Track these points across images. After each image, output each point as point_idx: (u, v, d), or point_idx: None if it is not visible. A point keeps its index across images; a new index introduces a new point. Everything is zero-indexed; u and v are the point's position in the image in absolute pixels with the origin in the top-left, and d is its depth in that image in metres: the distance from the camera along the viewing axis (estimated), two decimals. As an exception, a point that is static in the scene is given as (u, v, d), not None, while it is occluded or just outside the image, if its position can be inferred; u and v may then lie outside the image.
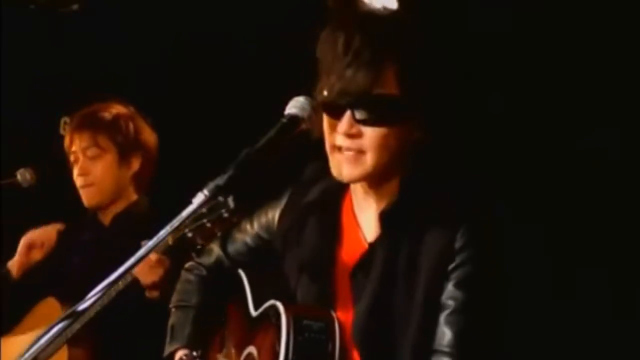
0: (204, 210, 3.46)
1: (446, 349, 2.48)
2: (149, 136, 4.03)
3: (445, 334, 2.49)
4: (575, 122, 3.78)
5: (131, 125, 3.98)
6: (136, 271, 3.59)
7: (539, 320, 3.80)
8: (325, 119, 2.52)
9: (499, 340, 2.57)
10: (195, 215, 3.48)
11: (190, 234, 3.50)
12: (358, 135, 2.47)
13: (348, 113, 2.47)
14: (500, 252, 2.58)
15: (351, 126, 2.47)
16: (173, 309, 2.91)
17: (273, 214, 2.78)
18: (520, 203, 3.76)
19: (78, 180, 3.96)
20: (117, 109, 4.01)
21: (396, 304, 2.51)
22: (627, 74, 3.71)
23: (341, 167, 2.51)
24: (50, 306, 3.99)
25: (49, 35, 4.81)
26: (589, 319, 3.75)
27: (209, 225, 3.43)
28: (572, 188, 3.79)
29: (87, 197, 3.96)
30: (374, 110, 2.46)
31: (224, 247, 2.88)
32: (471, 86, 3.62)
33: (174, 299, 2.93)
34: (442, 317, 2.49)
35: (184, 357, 2.80)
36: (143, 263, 3.52)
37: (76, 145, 3.96)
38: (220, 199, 3.42)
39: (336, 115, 2.49)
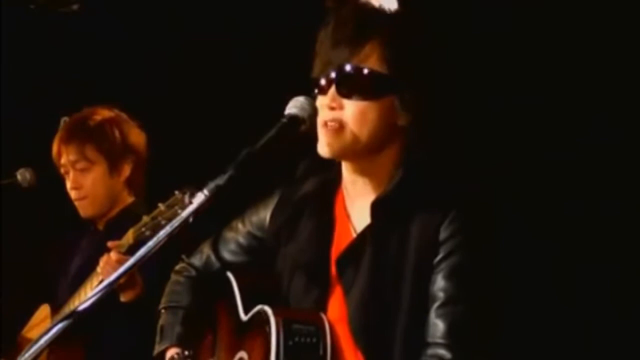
0: (162, 208, 3.49)
1: (440, 341, 2.49)
2: (137, 138, 3.97)
3: (438, 326, 2.49)
4: (575, 121, 3.78)
5: (116, 131, 3.92)
6: (100, 273, 3.61)
7: (539, 320, 3.80)
8: (318, 99, 2.56)
9: (498, 336, 2.57)
10: (153, 214, 3.51)
11: (147, 233, 3.52)
12: (339, 108, 2.53)
13: (332, 87, 2.53)
14: (499, 249, 2.58)
15: (333, 99, 2.53)
16: (162, 311, 2.89)
17: (265, 213, 2.77)
18: (520, 203, 3.76)
19: (71, 194, 3.93)
20: (101, 114, 3.95)
21: (387, 295, 2.52)
22: (627, 73, 3.71)
23: (323, 141, 2.54)
24: (46, 314, 4.02)
25: (49, 35, 4.81)
26: (589, 318, 3.75)
27: (164, 222, 3.45)
28: (572, 188, 3.79)
29: (82, 210, 3.94)
30: (353, 82, 2.51)
31: (214, 248, 2.87)
32: (470, 85, 3.62)
33: (163, 300, 2.91)
34: (434, 310, 2.50)
35: (176, 356, 2.78)
36: (106, 264, 3.56)
37: (65, 159, 3.92)
38: (178, 195, 3.44)
39: (324, 91, 2.55)
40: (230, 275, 2.77)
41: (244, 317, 2.68)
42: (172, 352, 2.80)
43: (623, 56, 3.70)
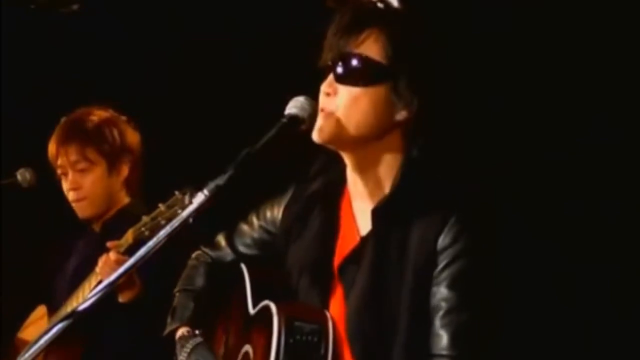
0: (162, 208, 3.50)
1: (444, 352, 2.47)
2: (133, 137, 3.98)
3: (441, 337, 2.48)
4: (575, 121, 3.78)
5: (115, 132, 3.93)
6: (99, 273, 3.61)
7: (539, 320, 3.80)
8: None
9: (498, 336, 2.56)
10: (154, 214, 3.52)
11: (147, 233, 3.53)
12: (334, 94, 2.54)
13: (331, 74, 2.55)
14: (501, 254, 2.58)
15: (329, 85, 2.55)
16: (177, 293, 2.92)
17: (278, 209, 2.79)
18: (520, 203, 3.76)
19: (69, 195, 3.92)
20: (99, 115, 3.96)
21: (386, 302, 2.51)
22: (627, 73, 3.71)
23: (316, 126, 2.55)
24: (42, 313, 4.02)
25: (49, 35, 4.81)
26: (589, 318, 3.75)
27: (163, 223, 3.46)
28: (572, 188, 3.79)
29: (80, 211, 3.93)
30: (348, 68, 2.52)
31: (230, 239, 2.89)
32: (470, 85, 3.61)
33: (179, 284, 2.94)
34: (437, 319, 2.48)
35: (186, 333, 2.80)
36: (105, 264, 3.56)
37: (63, 159, 3.92)
38: (178, 195, 3.45)
39: (324, 79, 2.57)
40: (243, 267, 2.79)
41: (251, 311, 2.69)
42: (181, 331, 2.82)
43: (623, 56, 3.70)
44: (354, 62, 2.52)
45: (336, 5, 2.62)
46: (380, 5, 2.56)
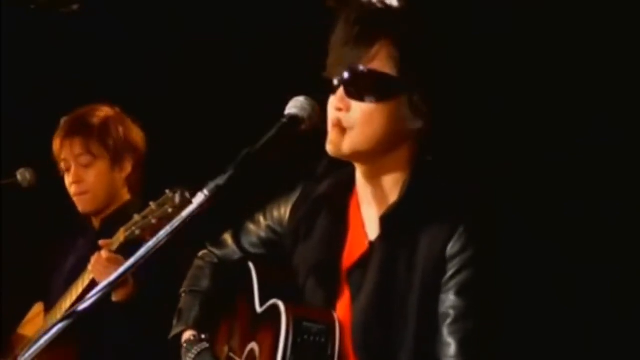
0: (152, 206, 3.51)
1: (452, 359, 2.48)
2: (137, 135, 4.01)
3: (450, 345, 2.48)
4: (575, 121, 3.78)
5: (120, 128, 3.95)
6: (91, 271, 3.61)
7: (539, 320, 3.80)
8: (330, 99, 2.55)
9: (504, 342, 2.56)
10: (145, 213, 3.53)
11: (138, 232, 3.54)
12: (346, 109, 2.51)
13: (341, 88, 2.51)
14: (501, 254, 2.58)
15: (341, 100, 2.52)
16: (183, 294, 2.91)
17: (286, 208, 2.78)
18: (520, 203, 3.76)
19: (72, 188, 3.93)
20: (105, 111, 3.98)
21: (393, 308, 2.51)
22: (627, 73, 3.71)
23: (329, 141, 2.54)
24: (40, 311, 4.03)
25: (49, 35, 4.81)
26: (589, 318, 3.75)
27: (154, 221, 3.47)
28: (572, 188, 3.79)
29: (82, 205, 3.94)
30: (361, 84, 2.49)
31: (236, 238, 2.89)
32: (470, 85, 3.61)
33: (185, 284, 2.93)
34: (445, 327, 2.48)
35: (192, 338, 2.80)
36: (97, 263, 3.57)
37: (67, 153, 3.93)
38: (169, 194, 3.46)
39: (334, 91, 2.54)
40: (251, 265, 2.79)
41: (259, 309, 2.69)
42: (188, 334, 2.82)
43: (623, 56, 3.70)
44: (367, 78, 2.49)
45: (336, 5, 2.61)
46: (380, 5, 2.54)
